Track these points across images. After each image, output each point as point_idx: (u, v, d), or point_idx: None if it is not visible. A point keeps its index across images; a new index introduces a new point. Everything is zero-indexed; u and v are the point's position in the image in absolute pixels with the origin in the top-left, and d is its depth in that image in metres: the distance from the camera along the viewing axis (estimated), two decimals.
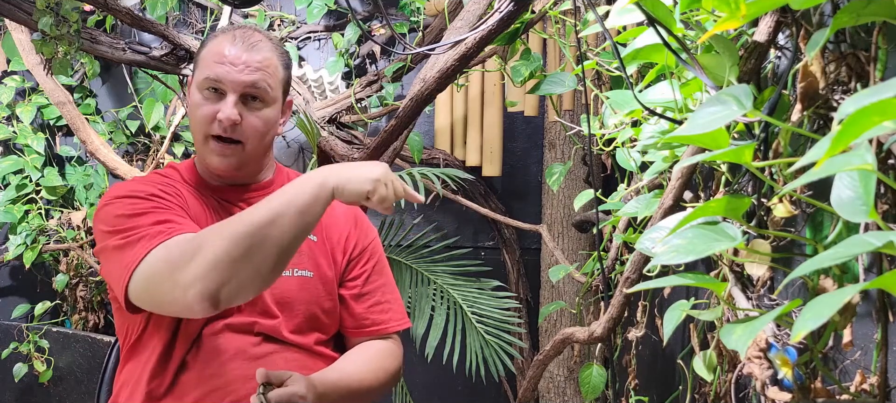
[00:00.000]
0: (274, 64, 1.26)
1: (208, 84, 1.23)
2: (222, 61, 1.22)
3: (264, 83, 1.24)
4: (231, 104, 1.22)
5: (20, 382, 2.82)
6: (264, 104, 1.26)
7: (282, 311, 1.28)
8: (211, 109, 1.23)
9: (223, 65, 1.22)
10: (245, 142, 1.24)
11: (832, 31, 0.76)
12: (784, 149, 0.93)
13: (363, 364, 1.33)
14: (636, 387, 1.68)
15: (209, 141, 1.24)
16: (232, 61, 1.22)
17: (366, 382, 1.30)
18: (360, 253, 1.39)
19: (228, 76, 1.22)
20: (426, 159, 2.70)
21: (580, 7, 1.52)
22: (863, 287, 0.58)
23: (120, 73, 2.94)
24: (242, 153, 1.25)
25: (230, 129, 1.22)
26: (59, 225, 2.79)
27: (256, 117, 1.25)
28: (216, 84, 1.22)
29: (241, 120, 1.22)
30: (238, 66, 1.22)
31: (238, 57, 1.22)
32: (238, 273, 1.06)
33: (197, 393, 1.21)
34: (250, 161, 1.28)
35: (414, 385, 2.79)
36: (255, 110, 1.25)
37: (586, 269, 1.81)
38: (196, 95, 1.25)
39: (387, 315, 1.39)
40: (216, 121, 1.22)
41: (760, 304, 1.03)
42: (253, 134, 1.25)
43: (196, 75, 1.26)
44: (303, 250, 1.32)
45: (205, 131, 1.24)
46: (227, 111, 1.21)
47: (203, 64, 1.25)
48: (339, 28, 2.82)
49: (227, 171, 1.27)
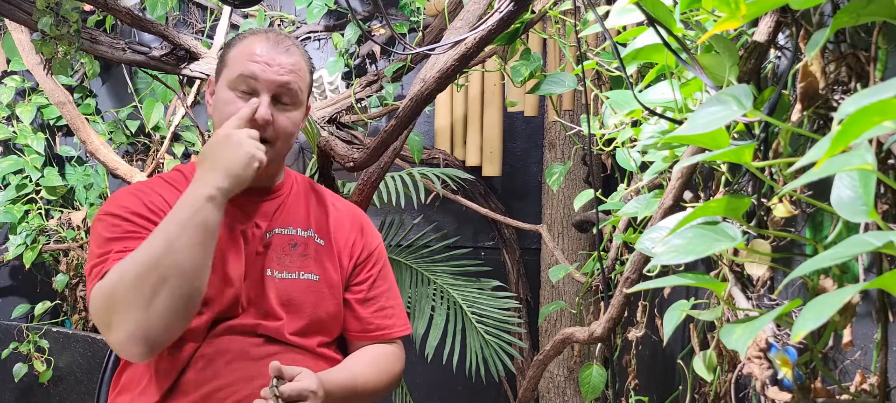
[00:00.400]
0: (303, 68, 1.29)
1: (241, 82, 1.24)
2: (256, 60, 1.24)
3: (296, 85, 1.26)
4: (266, 104, 1.23)
5: (20, 382, 2.82)
6: (294, 106, 1.27)
7: (286, 313, 1.28)
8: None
9: (258, 63, 1.23)
10: (274, 142, 1.25)
11: (832, 31, 0.76)
12: (784, 149, 0.93)
13: (369, 365, 1.34)
14: (636, 387, 1.68)
15: None
16: (267, 61, 1.24)
17: (371, 383, 1.31)
18: (365, 259, 1.40)
19: (264, 74, 1.23)
20: (426, 159, 2.70)
21: (580, 7, 1.52)
22: (863, 287, 0.58)
23: (120, 73, 2.94)
24: (271, 152, 1.25)
25: (262, 129, 1.22)
26: (59, 225, 2.79)
27: (286, 118, 1.26)
28: (251, 82, 1.23)
29: (273, 120, 1.24)
30: (273, 66, 1.24)
31: (273, 57, 1.24)
32: (156, 311, 1.09)
33: (199, 394, 1.21)
34: (276, 161, 1.30)
35: (414, 385, 2.79)
36: (285, 111, 1.26)
37: (586, 269, 1.81)
38: (226, 93, 1.25)
39: (391, 320, 1.40)
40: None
41: (760, 304, 1.03)
42: (282, 134, 1.26)
43: (226, 73, 1.27)
44: (309, 253, 1.32)
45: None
46: (263, 111, 1.22)
47: (234, 62, 1.25)
48: (339, 28, 2.83)
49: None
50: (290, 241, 1.32)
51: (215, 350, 1.23)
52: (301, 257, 1.32)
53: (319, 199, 1.42)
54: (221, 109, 1.25)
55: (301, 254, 1.32)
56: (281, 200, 1.35)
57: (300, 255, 1.32)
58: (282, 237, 1.32)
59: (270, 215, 1.33)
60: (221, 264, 1.25)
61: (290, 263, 1.30)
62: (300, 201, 1.38)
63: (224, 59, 1.29)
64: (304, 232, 1.34)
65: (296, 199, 1.37)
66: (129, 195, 1.26)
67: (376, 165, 1.88)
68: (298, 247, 1.32)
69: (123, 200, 1.25)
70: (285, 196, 1.36)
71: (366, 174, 1.94)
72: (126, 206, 1.23)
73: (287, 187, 1.37)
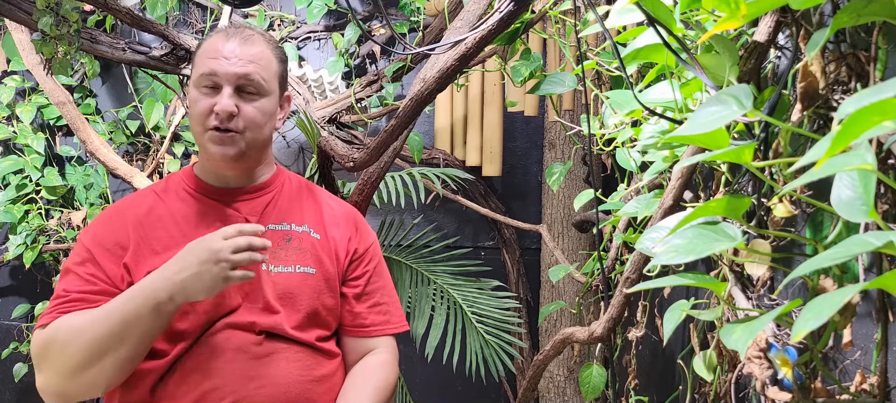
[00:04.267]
0: (267, 56, 1.30)
1: (204, 80, 1.27)
2: (216, 56, 1.26)
3: (258, 75, 1.27)
4: (227, 95, 1.25)
5: (20, 382, 2.82)
6: (260, 95, 1.29)
7: (284, 307, 1.28)
8: (208, 103, 1.26)
9: (217, 59, 1.26)
10: (243, 132, 1.27)
11: (832, 31, 0.76)
12: (784, 149, 0.93)
13: (372, 394, 1.34)
14: (636, 387, 1.68)
15: (207, 133, 1.27)
16: (226, 55, 1.26)
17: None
18: (361, 255, 1.40)
19: (222, 68, 1.25)
20: (426, 159, 2.70)
21: (580, 7, 1.52)
22: (863, 287, 0.58)
23: (120, 73, 2.94)
24: (242, 141, 1.27)
25: (227, 120, 1.25)
26: (59, 225, 2.79)
27: (253, 108, 1.28)
28: (212, 78, 1.26)
29: (238, 111, 1.26)
30: (231, 58, 1.26)
31: (232, 50, 1.27)
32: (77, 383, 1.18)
33: (198, 392, 1.21)
34: (250, 151, 1.30)
35: (414, 384, 2.79)
36: (250, 101, 1.28)
37: (586, 269, 1.81)
38: (193, 93, 1.29)
39: (386, 317, 1.40)
40: (213, 113, 1.25)
41: (760, 304, 1.03)
42: (250, 124, 1.28)
43: (193, 74, 1.30)
44: (306, 247, 1.33)
45: (203, 124, 1.27)
46: (224, 102, 1.24)
47: (199, 62, 1.29)
48: (339, 28, 2.83)
49: (228, 163, 1.29)
50: (285, 236, 1.33)
51: (212, 349, 1.23)
52: (297, 251, 1.32)
53: (313, 197, 1.42)
54: (192, 109, 1.29)
55: (297, 248, 1.32)
56: (272, 196, 1.36)
57: (296, 249, 1.32)
58: (276, 232, 1.32)
59: (261, 210, 1.34)
60: None
61: (285, 257, 1.31)
62: (293, 198, 1.39)
63: (193, 60, 1.32)
64: (298, 227, 1.35)
65: (288, 196, 1.38)
66: (107, 222, 1.30)
67: (376, 165, 1.88)
68: (293, 242, 1.33)
69: (102, 227, 1.30)
70: (277, 192, 1.37)
71: (366, 174, 1.94)
72: (99, 238, 1.28)
73: (278, 184, 1.39)
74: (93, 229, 1.30)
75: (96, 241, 1.27)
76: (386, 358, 1.38)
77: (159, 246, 1.27)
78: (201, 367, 1.23)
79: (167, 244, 1.27)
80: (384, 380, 1.35)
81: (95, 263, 1.26)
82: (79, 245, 1.29)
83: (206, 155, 1.31)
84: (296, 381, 1.26)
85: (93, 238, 1.28)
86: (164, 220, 1.30)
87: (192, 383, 1.22)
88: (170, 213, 1.31)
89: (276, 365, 1.25)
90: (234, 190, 1.34)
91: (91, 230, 1.30)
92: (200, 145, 1.30)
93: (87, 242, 1.28)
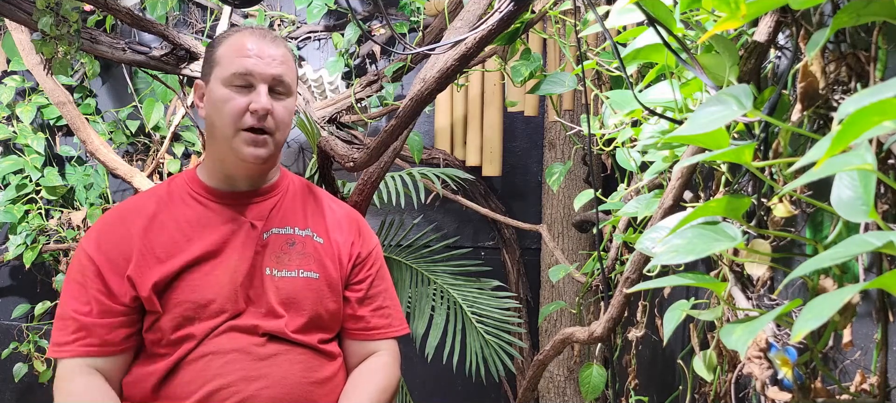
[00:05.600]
0: (290, 58, 1.33)
1: (238, 78, 1.26)
2: (249, 55, 1.26)
3: (288, 76, 1.30)
4: (264, 94, 1.26)
5: (20, 382, 2.82)
6: (288, 95, 1.31)
7: (287, 311, 1.28)
8: (242, 101, 1.26)
9: (251, 58, 1.26)
10: (274, 132, 1.28)
11: (832, 31, 0.76)
12: (784, 149, 0.93)
13: (372, 395, 1.34)
14: (636, 387, 1.68)
15: (240, 133, 1.26)
16: (259, 54, 1.26)
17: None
18: (364, 259, 1.40)
19: (257, 68, 1.26)
20: (426, 159, 2.70)
21: (580, 7, 1.52)
22: (863, 287, 0.58)
23: (120, 73, 2.94)
24: (272, 143, 1.29)
25: (263, 119, 1.25)
26: (59, 225, 2.79)
27: (283, 107, 1.29)
28: (246, 77, 1.26)
29: (271, 110, 1.27)
30: (265, 58, 1.27)
31: (264, 50, 1.27)
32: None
33: (202, 392, 1.21)
34: (275, 153, 1.32)
35: (414, 385, 2.80)
36: (280, 100, 1.29)
37: (586, 269, 1.81)
38: (222, 91, 1.27)
39: (388, 320, 1.41)
40: (248, 112, 1.25)
41: (760, 304, 1.03)
42: (281, 124, 1.29)
43: (218, 72, 1.28)
44: (308, 251, 1.33)
45: (236, 124, 1.26)
46: (263, 100, 1.25)
47: (226, 60, 1.27)
48: (339, 28, 2.83)
49: (257, 165, 1.29)
50: (288, 240, 1.33)
51: (216, 350, 1.24)
52: (300, 255, 1.32)
53: (316, 200, 1.42)
54: (220, 108, 1.26)
55: (300, 253, 1.32)
56: (277, 200, 1.36)
57: (299, 254, 1.32)
58: (279, 236, 1.32)
59: (266, 215, 1.33)
60: (220, 265, 1.26)
61: (289, 261, 1.31)
62: (297, 201, 1.39)
63: (212, 59, 1.30)
64: (302, 231, 1.35)
65: (292, 199, 1.38)
66: (110, 230, 1.29)
67: (376, 165, 1.87)
68: (296, 246, 1.33)
69: (105, 237, 1.28)
70: (281, 196, 1.37)
71: (366, 174, 1.94)
72: (103, 248, 1.27)
73: (283, 187, 1.38)
74: (96, 238, 1.28)
75: (100, 251, 1.26)
76: (387, 361, 1.38)
77: (164, 254, 1.26)
78: (205, 368, 1.23)
79: (172, 251, 1.26)
80: (386, 382, 1.35)
81: (100, 277, 1.25)
82: (82, 254, 1.27)
83: (230, 156, 1.29)
84: (298, 382, 1.27)
85: (96, 247, 1.27)
86: (168, 227, 1.29)
87: (196, 384, 1.22)
88: (174, 219, 1.30)
89: (279, 366, 1.26)
90: (241, 193, 1.34)
91: (94, 238, 1.28)
92: (224, 146, 1.28)
93: (91, 252, 1.26)
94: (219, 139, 1.29)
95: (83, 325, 1.23)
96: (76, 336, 1.23)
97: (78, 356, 1.22)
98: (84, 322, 1.23)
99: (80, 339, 1.23)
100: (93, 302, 1.24)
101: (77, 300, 1.25)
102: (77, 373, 1.22)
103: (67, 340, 1.23)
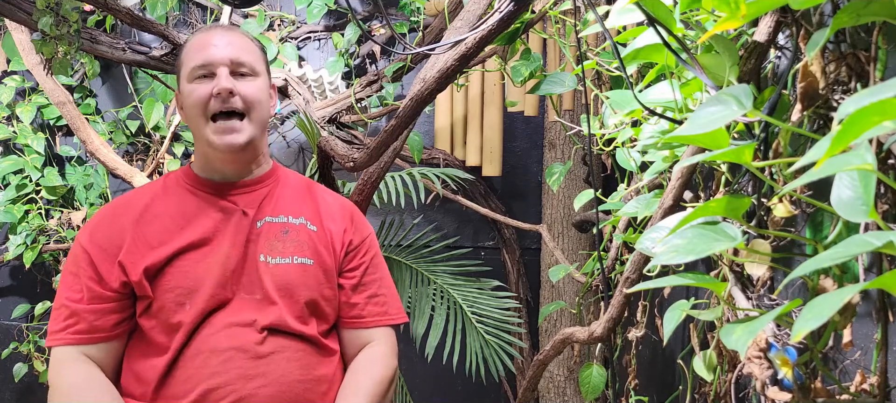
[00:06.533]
0: (251, 43, 1.35)
1: (198, 70, 1.29)
2: (204, 45, 1.30)
3: (248, 57, 1.31)
4: (224, 75, 1.28)
5: (20, 382, 2.82)
6: (253, 75, 1.32)
7: (282, 298, 1.29)
8: (205, 89, 1.28)
9: (204, 48, 1.29)
10: (248, 112, 1.30)
11: (832, 31, 0.76)
12: (784, 149, 0.93)
13: (371, 387, 1.34)
14: (636, 387, 1.68)
15: (210, 123, 1.29)
16: (213, 43, 1.30)
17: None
18: (357, 247, 1.41)
19: (215, 55, 1.29)
20: (426, 159, 2.70)
21: (580, 7, 1.52)
22: (863, 287, 0.58)
23: (120, 73, 2.94)
24: (248, 125, 1.30)
25: (228, 98, 1.27)
26: (59, 225, 2.79)
27: (251, 86, 1.31)
28: (206, 66, 1.29)
29: (236, 91, 1.28)
30: (220, 45, 1.30)
31: (219, 39, 1.31)
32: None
33: (200, 391, 1.22)
34: (256, 136, 1.32)
35: (414, 384, 2.80)
36: (246, 81, 1.31)
37: (586, 269, 1.81)
38: (187, 87, 1.31)
39: (383, 308, 1.41)
40: (212, 97, 1.27)
41: (760, 304, 1.03)
42: (252, 102, 1.30)
43: (183, 73, 1.32)
44: (303, 239, 1.34)
45: (204, 113, 1.28)
46: (223, 81, 1.27)
47: (188, 58, 1.31)
48: (339, 28, 2.83)
49: (234, 153, 1.30)
50: (282, 228, 1.34)
51: (214, 347, 1.24)
52: (294, 243, 1.33)
53: (309, 190, 1.44)
54: (188, 104, 1.31)
55: (294, 240, 1.33)
56: (269, 189, 1.37)
57: (293, 241, 1.33)
58: (273, 225, 1.34)
59: (258, 203, 1.35)
60: (211, 252, 1.27)
61: (283, 249, 1.32)
62: (290, 191, 1.40)
63: (179, 64, 1.35)
64: (295, 219, 1.36)
65: (285, 190, 1.40)
66: (103, 221, 1.31)
67: (376, 165, 1.88)
68: (290, 234, 1.34)
69: (98, 227, 1.31)
70: (273, 186, 1.39)
71: (366, 174, 1.94)
72: (95, 238, 1.29)
73: (275, 178, 1.40)
74: (89, 229, 1.31)
75: (93, 241, 1.29)
76: (384, 351, 1.38)
77: (155, 240, 1.28)
78: (202, 366, 1.23)
79: (164, 238, 1.28)
80: (382, 373, 1.35)
81: (92, 265, 1.27)
82: (76, 246, 1.30)
83: (208, 149, 1.32)
84: (296, 380, 1.27)
85: (89, 238, 1.29)
86: (161, 216, 1.31)
87: (193, 382, 1.22)
88: (167, 209, 1.32)
89: (277, 365, 1.26)
90: (231, 183, 1.35)
91: (87, 230, 1.31)
92: (201, 140, 1.31)
93: (84, 243, 1.29)
94: (196, 135, 1.33)
95: (74, 312, 1.25)
96: (67, 323, 1.25)
97: (69, 344, 1.25)
98: (75, 309, 1.26)
99: (70, 326, 1.25)
100: (84, 290, 1.26)
101: (70, 289, 1.27)
102: (69, 360, 1.24)
103: (59, 328, 1.26)
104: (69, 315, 1.26)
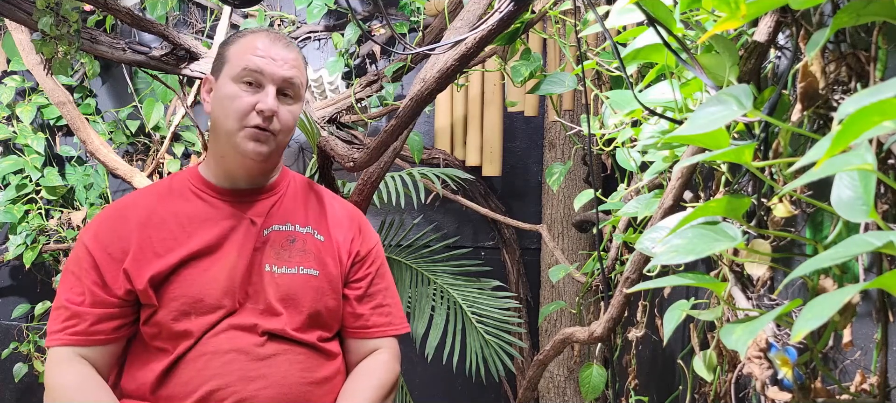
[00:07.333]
0: (301, 63, 1.33)
1: (248, 75, 1.27)
2: (260, 54, 1.27)
3: (298, 80, 1.31)
4: (272, 95, 1.27)
5: (20, 382, 2.82)
6: (295, 100, 1.32)
7: (286, 308, 1.28)
8: (250, 100, 1.26)
9: (263, 58, 1.27)
10: (277, 134, 1.29)
11: (832, 31, 0.76)
12: (784, 149, 0.93)
13: (371, 392, 1.34)
14: (636, 387, 1.68)
15: (244, 129, 1.27)
16: (271, 56, 1.28)
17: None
18: (364, 257, 1.40)
19: (269, 68, 1.27)
20: (426, 159, 2.70)
21: (580, 7, 1.52)
22: (863, 287, 0.58)
23: (120, 73, 2.94)
24: (274, 143, 1.29)
25: (268, 120, 1.26)
26: (59, 225, 2.79)
27: (288, 111, 1.30)
28: (256, 75, 1.27)
29: (277, 114, 1.28)
30: (278, 60, 1.28)
31: (277, 52, 1.28)
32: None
33: (201, 392, 1.21)
34: (276, 153, 1.32)
35: (414, 384, 2.80)
36: (287, 104, 1.30)
37: (586, 269, 1.81)
38: (230, 87, 1.28)
39: (388, 318, 1.41)
40: (254, 112, 1.26)
41: (760, 304, 1.03)
42: (285, 127, 1.30)
43: (227, 70, 1.29)
44: (309, 249, 1.33)
45: (241, 122, 1.27)
46: (270, 102, 1.26)
47: (237, 58, 1.28)
48: (339, 28, 2.83)
49: (257, 162, 1.29)
50: (289, 237, 1.33)
51: (215, 349, 1.24)
52: (300, 253, 1.32)
53: (318, 198, 1.43)
54: (226, 105, 1.27)
55: (300, 250, 1.33)
56: (277, 197, 1.36)
57: (299, 251, 1.32)
58: (280, 233, 1.32)
59: (267, 212, 1.34)
60: (218, 261, 1.26)
61: (289, 258, 1.31)
62: (298, 199, 1.39)
63: (224, 56, 1.31)
64: (302, 228, 1.35)
65: (293, 197, 1.39)
66: (109, 223, 1.30)
67: (376, 165, 1.87)
68: (297, 243, 1.33)
69: (103, 229, 1.29)
70: (282, 193, 1.37)
71: (366, 174, 1.94)
72: (101, 240, 1.27)
73: (284, 185, 1.39)
74: (94, 229, 1.29)
75: (97, 244, 1.27)
76: (387, 358, 1.38)
77: (162, 248, 1.26)
78: (203, 368, 1.23)
79: (170, 245, 1.26)
80: (385, 379, 1.35)
81: (96, 269, 1.25)
82: (80, 246, 1.28)
83: (230, 151, 1.29)
84: (297, 382, 1.26)
85: (94, 240, 1.27)
86: (168, 222, 1.29)
87: (194, 383, 1.22)
88: (174, 214, 1.30)
89: (278, 367, 1.25)
90: (242, 191, 1.34)
91: (92, 230, 1.29)
92: (225, 142, 1.29)
93: (88, 243, 1.27)
94: (221, 135, 1.29)
95: (74, 314, 1.24)
96: (66, 324, 1.25)
97: (66, 344, 1.24)
98: (75, 310, 1.25)
99: (69, 327, 1.24)
100: (86, 293, 1.25)
101: (72, 290, 1.26)
102: (64, 361, 1.23)
103: (58, 329, 1.25)
104: (69, 316, 1.25)
